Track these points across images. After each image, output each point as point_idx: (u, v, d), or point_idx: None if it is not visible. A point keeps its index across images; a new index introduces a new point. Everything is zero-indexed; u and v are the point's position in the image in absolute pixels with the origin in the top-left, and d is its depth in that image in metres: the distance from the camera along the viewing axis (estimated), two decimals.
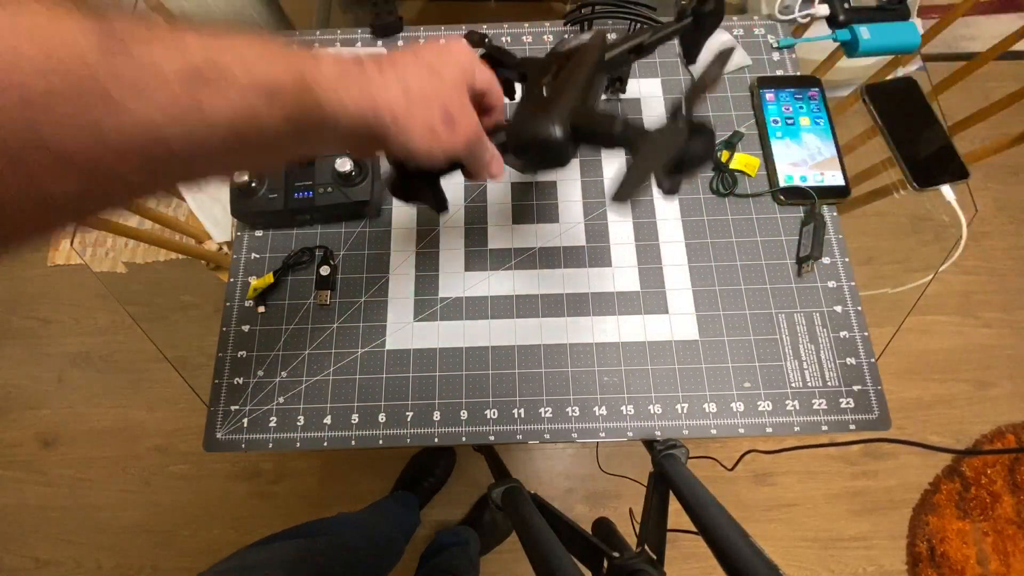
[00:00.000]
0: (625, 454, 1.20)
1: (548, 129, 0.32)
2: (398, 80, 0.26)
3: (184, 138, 0.19)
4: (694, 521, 0.39)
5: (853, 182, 0.55)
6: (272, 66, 0.21)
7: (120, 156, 0.18)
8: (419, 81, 0.27)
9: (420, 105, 0.27)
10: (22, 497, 1.22)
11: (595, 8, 0.59)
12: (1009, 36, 0.71)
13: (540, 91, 0.36)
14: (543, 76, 0.37)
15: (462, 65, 0.30)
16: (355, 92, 0.24)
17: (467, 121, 0.30)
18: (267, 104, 0.21)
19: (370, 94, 0.25)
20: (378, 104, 0.25)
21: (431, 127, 0.28)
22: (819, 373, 0.50)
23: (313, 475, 1.21)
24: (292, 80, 0.22)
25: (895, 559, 1.12)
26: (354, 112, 0.24)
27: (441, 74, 0.28)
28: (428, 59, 0.28)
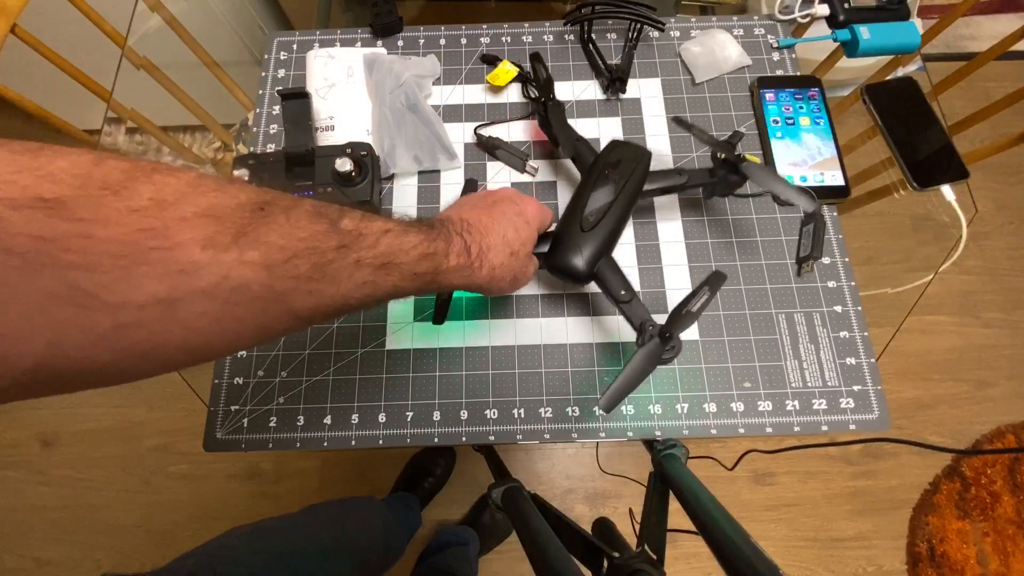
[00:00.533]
0: (625, 454, 1.20)
1: (580, 267, 0.43)
2: (489, 268, 0.37)
3: (359, 301, 0.28)
4: (694, 521, 0.39)
5: (853, 182, 0.55)
6: (422, 262, 0.31)
7: (320, 311, 0.26)
8: (502, 263, 0.38)
9: (498, 281, 0.38)
10: (22, 497, 1.22)
11: (595, 8, 0.59)
12: (1009, 36, 0.71)
13: (584, 210, 0.45)
14: (592, 182, 0.46)
15: (534, 234, 0.41)
16: (461, 279, 0.35)
17: (525, 278, 0.42)
18: (411, 281, 0.31)
19: (469, 279, 0.36)
20: (471, 284, 0.37)
21: (501, 289, 0.40)
22: (819, 373, 0.50)
23: (313, 475, 1.21)
24: (430, 270, 0.32)
25: (895, 559, 1.12)
26: (458, 287, 0.36)
27: (518, 254, 0.39)
28: (511, 239, 0.38)
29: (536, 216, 0.41)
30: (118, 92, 0.70)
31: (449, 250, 0.34)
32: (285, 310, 0.24)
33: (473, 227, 0.37)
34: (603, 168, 0.46)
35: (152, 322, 0.20)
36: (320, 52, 0.62)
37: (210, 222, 0.21)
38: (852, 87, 0.65)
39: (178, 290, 0.20)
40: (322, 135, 0.58)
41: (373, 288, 0.28)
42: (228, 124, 0.85)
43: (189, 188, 0.21)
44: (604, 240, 0.44)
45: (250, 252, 0.22)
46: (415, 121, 0.56)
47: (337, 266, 0.26)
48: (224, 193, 0.22)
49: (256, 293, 0.22)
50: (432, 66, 0.61)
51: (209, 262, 0.21)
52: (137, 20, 0.71)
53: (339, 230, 0.26)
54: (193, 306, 0.21)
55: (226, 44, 0.92)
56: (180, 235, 0.20)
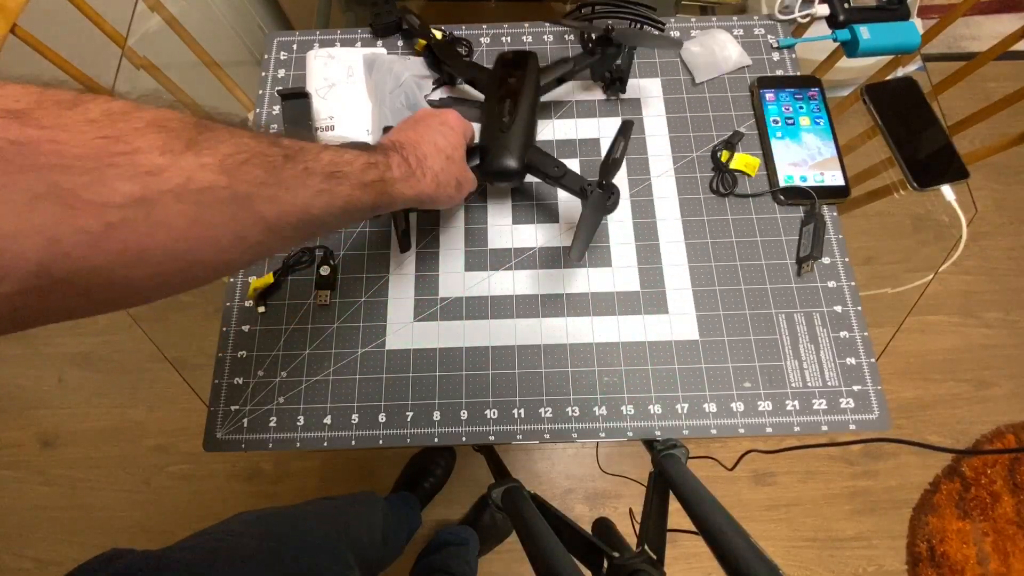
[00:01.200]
0: (625, 454, 1.20)
1: (511, 164, 0.48)
2: (432, 174, 0.40)
3: (321, 209, 0.30)
4: (694, 521, 0.39)
5: (853, 182, 0.55)
6: (368, 171, 0.34)
7: (287, 220, 0.28)
8: (442, 167, 0.41)
9: (444, 186, 0.41)
10: (22, 497, 1.22)
11: (595, 8, 0.59)
12: (1009, 36, 0.71)
13: (498, 116, 0.49)
14: (497, 92, 0.50)
15: (461, 139, 0.45)
16: (411, 188, 0.38)
17: (469, 183, 0.45)
18: (363, 192, 0.33)
19: (417, 188, 0.39)
20: (421, 193, 0.39)
21: (450, 196, 0.43)
22: (819, 373, 0.50)
23: (313, 475, 1.21)
24: (378, 179, 0.35)
25: (895, 559, 1.12)
26: (408, 197, 0.38)
27: (453, 158, 0.43)
28: (442, 146, 0.42)
29: (458, 123, 0.45)
30: (118, 92, 0.70)
31: (390, 162, 0.36)
32: (254, 216, 0.26)
33: (405, 143, 0.40)
34: (500, 76, 0.51)
35: (135, 221, 0.21)
36: (320, 52, 0.62)
37: (161, 131, 0.22)
38: (852, 87, 0.65)
39: (150, 190, 0.21)
40: (322, 135, 0.58)
41: (330, 196, 0.30)
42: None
43: (132, 106, 0.22)
44: (524, 133, 0.48)
45: (205, 157, 0.23)
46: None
47: (288, 173, 0.27)
48: (165, 110, 0.23)
49: (222, 196, 0.24)
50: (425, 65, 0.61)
51: (170, 165, 0.22)
52: (137, 20, 0.71)
53: (280, 144, 0.28)
54: (168, 206, 0.22)
55: (226, 44, 0.92)
56: (137, 141, 0.21)
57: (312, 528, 0.57)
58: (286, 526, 0.56)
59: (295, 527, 0.56)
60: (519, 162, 0.47)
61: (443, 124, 0.44)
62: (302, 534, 0.54)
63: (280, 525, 0.55)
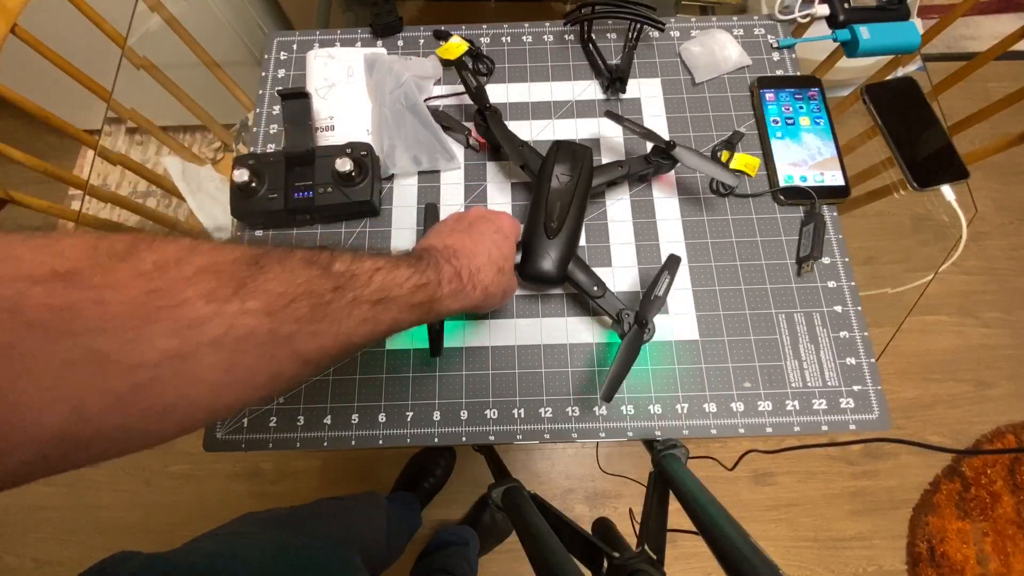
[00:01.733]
0: (625, 454, 1.20)
1: (554, 273, 0.47)
2: (482, 288, 0.39)
3: (363, 338, 0.29)
4: (694, 521, 0.38)
5: (853, 182, 0.55)
6: (417, 293, 0.32)
7: (326, 352, 0.27)
8: (492, 280, 0.40)
9: (491, 297, 0.40)
10: (22, 497, 1.21)
11: (595, 8, 0.59)
12: (1009, 36, 0.71)
13: (547, 218, 0.48)
14: (547, 185, 0.50)
15: (513, 247, 0.44)
16: (458, 303, 0.37)
17: (513, 291, 0.45)
18: (409, 312, 0.32)
19: (464, 302, 0.37)
20: (467, 306, 0.38)
21: (493, 305, 0.42)
22: (819, 373, 0.50)
23: (313, 475, 1.21)
24: (426, 299, 0.33)
25: (895, 559, 1.12)
26: (453, 311, 0.37)
27: (504, 269, 0.42)
28: (495, 257, 0.41)
29: (512, 229, 0.44)
30: (118, 92, 0.70)
31: (441, 278, 0.35)
32: (291, 353, 0.25)
33: (459, 252, 0.38)
34: (552, 173, 0.50)
35: (167, 378, 0.21)
36: (320, 52, 0.62)
37: (210, 278, 0.22)
38: (852, 87, 0.65)
39: (188, 344, 0.21)
40: (322, 135, 0.58)
41: (374, 324, 0.30)
42: (228, 124, 0.84)
43: (187, 251, 0.23)
44: (569, 242, 0.48)
45: (251, 301, 0.23)
46: (415, 122, 0.56)
47: (336, 306, 0.27)
48: (220, 251, 0.24)
49: (262, 339, 0.24)
50: (433, 67, 0.61)
51: (214, 314, 0.22)
52: (137, 20, 0.71)
53: (332, 273, 0.28)
54: (204, 358, 0.22)
55: (226, 44, 0.92)
56: (184, 292, 0.21)
57: (319, 529, 0.57)
58: (293, 528, 0.56)
59: (302, 528, 0.56)
60: (560, 271, 0.47)
61: (498, 232, 0.42)
62: (310, 536, 0.54)
63: (287, 527, 0.55)
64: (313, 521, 0.59)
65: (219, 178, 0.79)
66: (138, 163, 0.79)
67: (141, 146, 1.43)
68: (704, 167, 0.51)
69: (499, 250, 0.41)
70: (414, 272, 0.33)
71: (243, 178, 0.51)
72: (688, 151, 0.52)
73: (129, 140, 1.45)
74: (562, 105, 0.61)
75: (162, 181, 0.82)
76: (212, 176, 0.79)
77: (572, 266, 0.48)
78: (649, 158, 0.54)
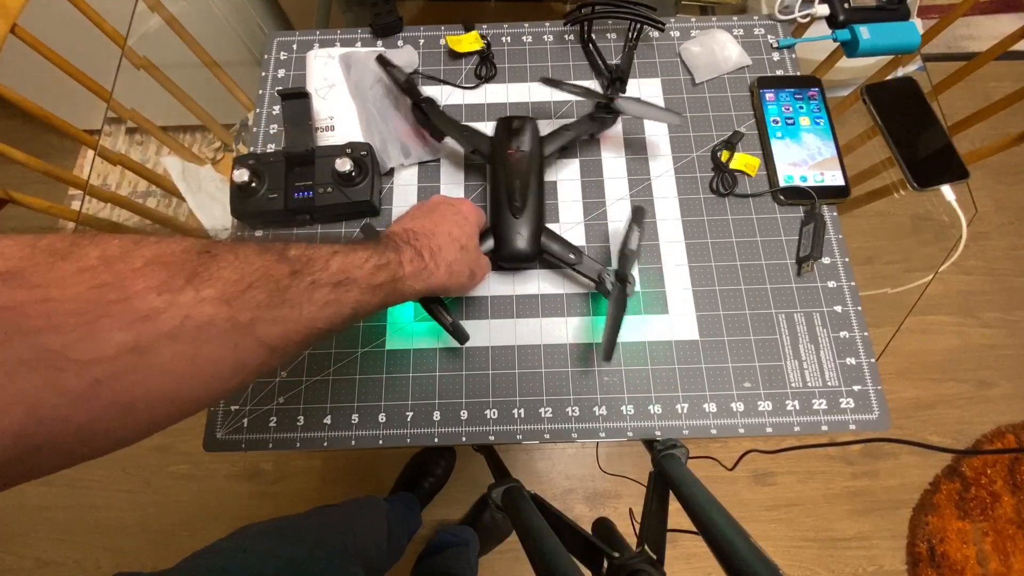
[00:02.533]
0: (625, 454, 1.20)
1: (527, 250, 0.48)
2: (445, 265, 0.39)
3: (327, 320, 0.29)
4: (694, 521, 0.38)
5: (853, 182, 0.55)
6: (378, 273, 0.33)
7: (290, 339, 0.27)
8: (455, 258, 0.40)
9: (457, 276, 0.40)
10: (22, 497, 1.22)
11: (595, 8, 0.59)
12: (1009, 36, 0.71)
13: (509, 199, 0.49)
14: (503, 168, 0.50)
15: (475, 228, 0.44)
16: (422, 283, 0.37)
17: (482, 269, 0.45)
18: (372, 294, 0.32)
19: (429, 281, 0.38)
20: (433, 286, 0.38)
21: (462, 284, 0.42)
22: (819, 373, 0.50)
23: (313, 475, 1.21)
24: (388, 279, 0.34)
25: (895, 559, 1.12)
26: (418, 291, 0.38)
27: (467, 247, 0.42)
28: (456, 235, 0.41)
29: (472, 212, 0.45)
30: (118, 92, 0.70)
31: (401, 258, 0.36)
32: (254, 341, 0.25)
33: (419, 233, 0.39)
34: (504, 152, 0.50)
35: (127, 373, 0.20)
36: (320, 52, 0.62)
37: (160, 268, 0.22)
38: (852, 87, 0.65)
39: (144, 336, 0.20)
40: (322, 135, 0.58)
41: (337, 307, 0.30)
42: (228, 124, 0.84)
43: (132, 244, 0.22)
44: (536, 217, 0.49)
45: (206, 290, 0.23)
46: (398, 114, 0.57)
47: (295, 291, 0.27)
48: (167, 243, 0.23)
49: (222, 328, 0.23)
50: (408, 56, 0.61)
51: (168, 304, 0.21)
52: (137, 20, 0.71)
53: (287, 258, 0.28)
54: (163, 350, 0.21)
55: (226, 44, 0.92)
56: (134, 285, 0.21)
57: (321, 540, 0.57)
58: (295, 539, 0.55)
59: (304, 540, 0.56)
60: (534, 247, 0.48)
61: (457, 213, 0.43)
62: (312, 548, 0.54)
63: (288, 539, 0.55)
64: (315, 531, 0.59)
65: (219, 178, 0.79)
66: (138, 163, 0.79)
67: (141, 146, 1.43)
68: (647, 112, 0.52)
69: (460, 229, 0.42)
70: (372, 253, 0.33)
71: (243, 178, 0.51)
72: (628, 100, 0.52)
73: (129, 140, 1.45)
74: (562, 105, 0.61)
75: (162, 181, 0.82)
76: (212, 176, 0.79)
77: (544, 239, 0.49)
78: (593, 115, 0.54)
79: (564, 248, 0.49)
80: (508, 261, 0.50)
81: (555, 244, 0.49)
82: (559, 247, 0.49)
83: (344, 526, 0.65)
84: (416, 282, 0.37)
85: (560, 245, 0.49)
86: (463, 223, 0.43)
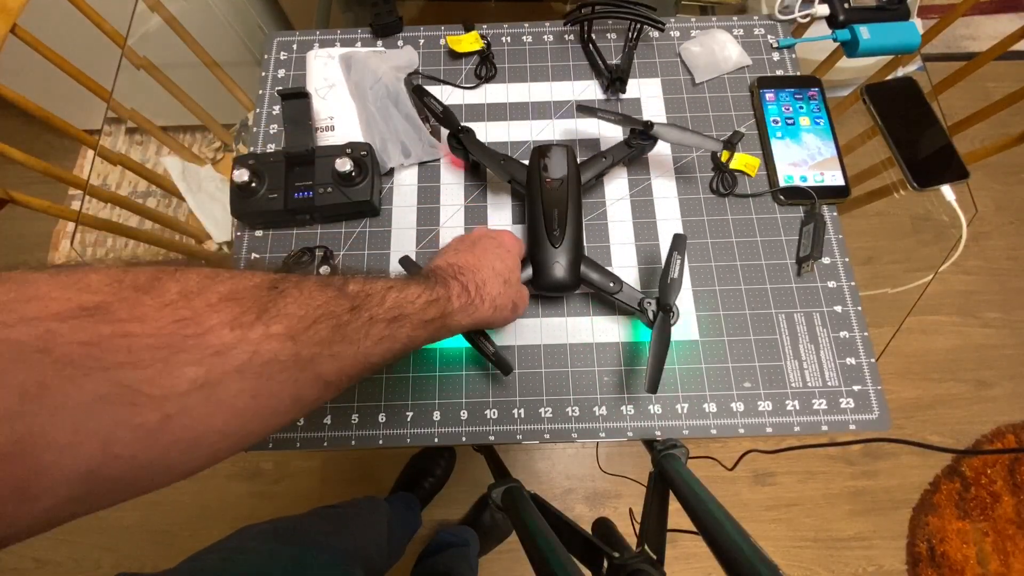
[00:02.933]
0: (625, 454, 1.20)
1: (568, 280, 0.48)
2: (490, 300, 0.39)
3: (380, 356, 0.30)
4: (694, 521, 0.38)
5: (853, 182, 0.55)
6: (429, 308, 0.33)
7: (345, 373, 0.28)
8: (499, 292, 0.41)
9: (501, 310, 0.41)
10: None
11: (595, 8, 0.59)
12: (1009, 36, 0.71)
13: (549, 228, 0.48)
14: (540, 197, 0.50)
15: (517, 260, 0.45)
16: (468, 317, 0.38)
17: (523, 302, 0.45)
18: (423, 329, 0.33)
19: (475, 316, 0.38)
20: (478, 321, 0.39)
21: (505, 318, 0.42)
22: (819, 373, 0.50)
23: (313, 475, 1.21)
24: (438, 315, 0.34)
25: (895, 559, 1.12)
26: (465, 326, 0.38)
27: (510, 281, 0.42)
28: (500, 269, 0.41)
29: (514, 245, 0.45)
30: (118, 92, 0.70)
31: (450, 294, 0.36)
32: (313, 376, 0.26)
33: (464, 268, 0.39)
34: (541, 182, 0.50)
35: (194, 408, 0.21)
36: (320, 52, 0.62)
37: (233, 304, 0.22)
38: (852, 87, 0.65)
39: (215, 372, 0.21)
40: (322, 135, 0.58)
41: (390, 342, 0.30)
42: (228, 124, 0.85)
43: (208, 279, 0.23)
44: (576, 246, 0.48)
45: (274, 326, 0.23)
46: (399, 114, 0.57)
47: (354, 326, 0.28)
48: (240, 278, 0.24)
49: (285, 364, 0.24)
50: (408, 57, 0.61)
51: (239, 340, 0.22)
52: (137, 20, 0.71)
53: (347, 294, 0.28)
54: (230, 386, 0.22)
55: (226, 44, 0.92)
56: (209, 320, 0.21)
57: (321, 542, 0.57)
58: (295, 541, 0.55)
59: (303, 542, 0.56)
60: (574, 276, 0.48)
61: (500, 247, 0.43)
62: (310, 550, 0.54)
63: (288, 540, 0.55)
64: (314, 532, 0.59)
65: (219, 178, 0.79)
66: (138, 163, 0.79)
67: (141, 146, 1.43)
68: (686, 139, 0.51)
69: (503, 263, 0.42)
70: (424, 289, 0.34)
71: (243, 178, 0.51)
72: (666, 127, 0.52)
73: (129, 140, 1.45)
74: (562, 105, 0.61)
75: (162, 181, 0.82)
76: (212, 176, 0.80)
77: (584, 267, 0.48)
78: (630, 142, 0.54)
79: (604, 277, 0.48)
80: (548, 291, 0.49)
81: (595, 273, 0.48)
82: (599, 276, 0.48)
83: (343, 527, 0.65)
84: (463, 317, 0.37)
85: (600, 274, 0.48)
86: (505, 256, 0.43)
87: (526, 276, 0.48)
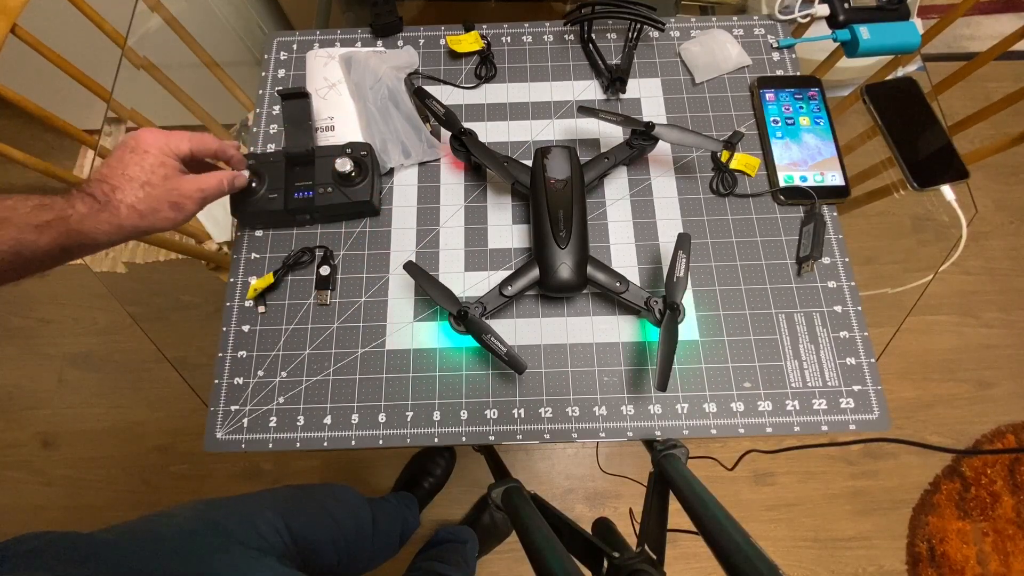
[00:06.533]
0: (625, 454, 1.20)
1: (574, 281, 0.48)
2: (127, 207, 0.40)
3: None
4: (694, 521, 0.38)
5: (853, 182, 0.55)
6: (39, 212, 0.36)
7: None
8: (139, 197, 0.41)
9: (153, 212, 0.41)
10: (22, 497, 1.22)
11: (595, 8, 0.59)
12: (1009, 36, 0.71)
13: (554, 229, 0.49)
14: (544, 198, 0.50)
15: (158, 158, 0.43)
16: (104, 222, 0.39)
17: (190, 198, 0.43)
18: (37, 234, 0.36)
19: (115, 221, 0.39)
20: (123, 226, 0.40)
21: (168, 218, 0.42)
22: (819, 373, 0.50)
23: (313, 475, 1.21)
24: (55, 219, 0.36)
25: (895, 559, 1.12)
26: (109, 231, 0.39)
27: (151, 182, 0.41)
28: (134, 174, 0.41)
29: (153, 142, 0.43)
30: (118, 92, 0.70)
31: (72, 201, 0.38)
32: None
33: (102, 178, 0.41)
34: (545, 183, 0.50)
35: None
36: (320, 52, 0.62)
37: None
38: (852, 87, 0.65)
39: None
40: (322, 135, 0.58)
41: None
42: (228, 124, 0.84)
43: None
44: (581, 247, 0.49)
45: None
46: (399, 114, 0.57)
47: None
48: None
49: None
50: (409, 57, 0.61)
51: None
52: (137, 20, 0.71)
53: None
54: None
55: (226, 44, 0.92)
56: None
57: (253, 507, 0.56)
58: (227, 507, 0.54)
59: (233, 508, 0.55)
60: (580, 277, 0.48)
61: (133, 152, 0.42)
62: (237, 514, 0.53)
63: (221, 508, 0.54)
64: (250, 503, 0.57)
65: None
66: None
67: None
68: (686, 139, 0.52)
69: (138, 167, 0.42)
70: (41, 197, 0.36)
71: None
72: (667, 127, 0.52)
73: None
74: (562, 105, 0.61)
75: None
76: None
77: (590, 268, 0.49)
78: (631, 143, 0.54)
79: (610, 277, 0.49)
80: (555, 291, 0.49)
81: (601, 273, 0.49)
82: (605, 276, 0.49)
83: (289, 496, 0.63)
84: (98, 223, 0.38)
85: (606, 274, 0.49)
86: (140, 159, 0.42)
87: (533, 277, 0.48)
